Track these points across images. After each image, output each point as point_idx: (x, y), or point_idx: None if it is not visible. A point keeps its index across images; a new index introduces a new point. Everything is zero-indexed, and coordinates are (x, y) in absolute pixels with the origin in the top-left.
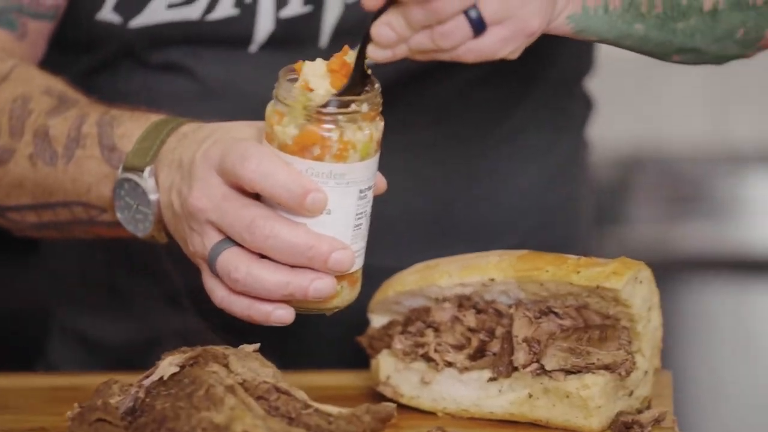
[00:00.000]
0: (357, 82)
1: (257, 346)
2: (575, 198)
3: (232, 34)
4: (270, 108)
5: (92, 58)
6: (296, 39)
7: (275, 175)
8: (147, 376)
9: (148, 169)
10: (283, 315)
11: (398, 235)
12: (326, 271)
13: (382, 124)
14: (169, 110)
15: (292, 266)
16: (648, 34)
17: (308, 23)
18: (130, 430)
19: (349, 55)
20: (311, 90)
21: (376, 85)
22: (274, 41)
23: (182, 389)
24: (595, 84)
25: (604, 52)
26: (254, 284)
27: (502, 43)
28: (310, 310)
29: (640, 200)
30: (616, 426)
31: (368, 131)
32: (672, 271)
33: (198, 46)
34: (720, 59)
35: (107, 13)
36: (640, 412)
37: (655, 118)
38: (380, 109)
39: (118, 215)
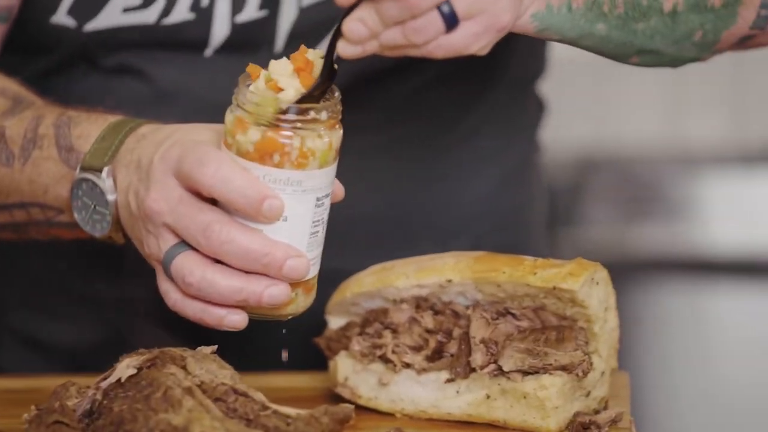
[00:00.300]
0: (326, 79)
1: (215, 347)
2: (527, 201)
3: (188, 39)
4: (230, 114)
5: (46, 60)
6: (252, 43)
7: (232, 180)
8: (104, 378)
9: (106, 169)
10: (237, 320)
11: (351, 237)
12: (281, 278)
13: (341, 132)
14: (124, 113)
15: (247, 272)
16: (609, 34)
17: (264, 28)
18: None
19: (311, 53)
20: (281, 89)
21: (336, 93)
22: (229, 46)
23: (140, 391)
24: (550, 86)
25: (558, 54)
26: (208, 289)
27: (473, 38)
28: (264, 316)
29: (595, 201)
30: (573, 427)
31: (327, 139)
32: (627, 272)
33: (153, 50)
34: (677, 62)
35: (62, 17)
36: (597, 412)
37: (609, 120)
38: (340, 117)
39: (75, 215)
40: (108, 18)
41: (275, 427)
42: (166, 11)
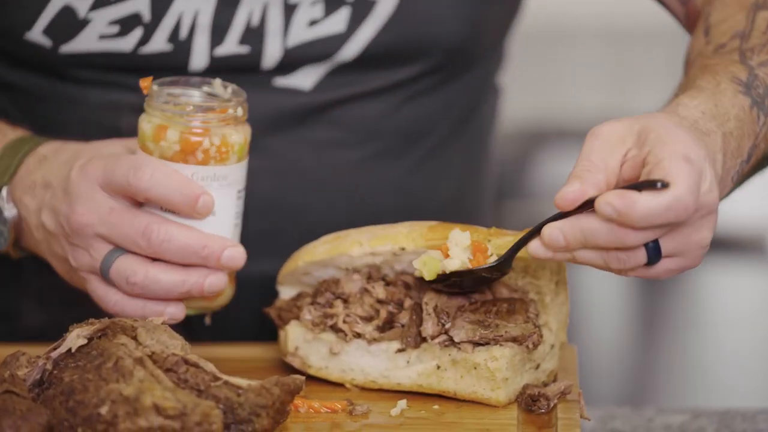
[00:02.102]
0: (497, 269)
1: (166, 318)
2: (483, 190)
3: (166, 66)
4: (146, 122)
5: (21, 70)
6: (234, 69)
7: (169, 182)
8: (54, 348)
9: (5, 189)
10: (176, 312)
11: None
12: (219, 267)
13: (249, 128)
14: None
15: (185, 266)
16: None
17: (246, 61)
18: (38, 402)
19: (493, 242)
20: (447, 256)
21: (244, 94)
22: (210, 72)
23: (90, 361)
24: None
25: None
26: (152, 285)
27: (667, 273)
28: (197, 309)
29: (542, 174)
30: (522, 399)
31: (242, 134)
32: None
33: (129, 73)
34: None
35: (37, 35)
36: (546, 385)
37: (556, 93)
38: (246, 115)
39: None
40: (84, 42)
41: (226, 397)
42: (144, 41)
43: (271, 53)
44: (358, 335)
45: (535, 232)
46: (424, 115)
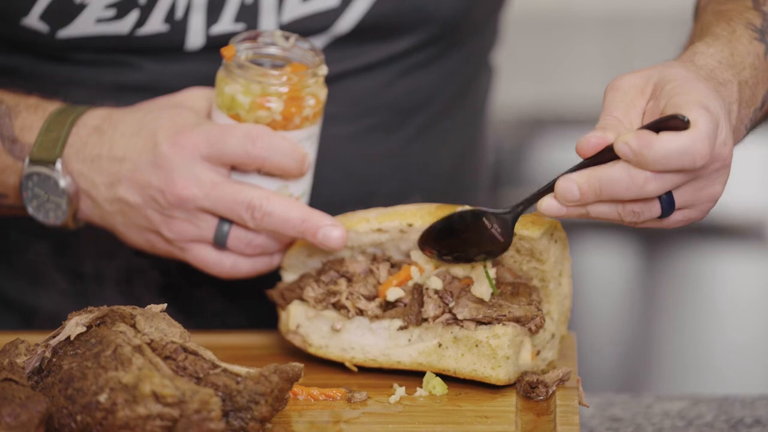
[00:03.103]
0: (505, 223)
1: (164, 306)
2: (479, 170)
3: (163, 46)
4: (243, 95)
5: (20, 54)
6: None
7: (282, 148)
8: (53, 336)
9: (59, 161)
10: (278, 261)
11: None
12: (315, 242)
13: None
14: (113, 97)
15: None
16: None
17: None
18: (37, 389)
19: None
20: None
21: (315, 43)
22: (207, 49)
23: (89, 349)
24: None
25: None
26: (271, 244)
27: (677, 223)
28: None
29: (541, 161)
30: (521, 386)
31: (326, 89)
32: (574, 233)
33: (127, 54)
34: None
35: (34, 21)
36: (545, 372)
37: (554, 80)
38: None
39: (27, 206)
40: (81, 26)
41: (225, 385)
42: (140, 22)
43: (266, 27)
44: (361, 312)
45: (547, 189)
46: (419, 90)
